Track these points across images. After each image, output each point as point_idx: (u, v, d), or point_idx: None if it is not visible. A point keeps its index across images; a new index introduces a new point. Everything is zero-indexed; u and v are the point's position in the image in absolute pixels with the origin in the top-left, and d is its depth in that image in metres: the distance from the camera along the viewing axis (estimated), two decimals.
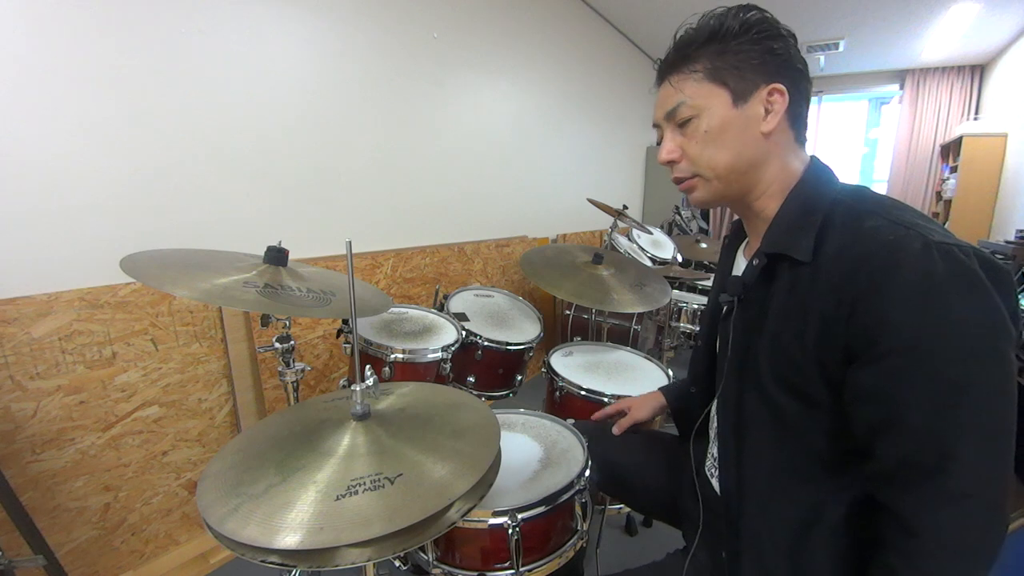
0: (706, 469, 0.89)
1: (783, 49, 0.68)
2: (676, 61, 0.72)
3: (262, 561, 0.58)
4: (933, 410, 0.54)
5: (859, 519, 0.66)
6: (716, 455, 0.82)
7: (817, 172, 0.71)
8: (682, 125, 0.71)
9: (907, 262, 0.55)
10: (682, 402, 1.09)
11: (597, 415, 1.20)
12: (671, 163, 0.74)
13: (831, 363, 0.61)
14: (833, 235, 0.63)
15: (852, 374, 0.59)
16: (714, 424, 0.85)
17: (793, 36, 0.70)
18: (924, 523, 0.55)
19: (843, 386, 0.61)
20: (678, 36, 0.73)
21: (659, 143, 0.77)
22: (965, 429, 0.53)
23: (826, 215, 0.65)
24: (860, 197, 0.66)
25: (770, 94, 0.67)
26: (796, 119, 0.71)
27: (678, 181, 0.75)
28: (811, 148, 0.76)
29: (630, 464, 1.10)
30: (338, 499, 0.62)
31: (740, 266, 0.82)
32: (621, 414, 1.16)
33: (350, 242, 0.79)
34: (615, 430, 1.11)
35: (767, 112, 0.68)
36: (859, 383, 0.59)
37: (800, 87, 0.69)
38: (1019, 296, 0.58)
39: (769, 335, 0.68)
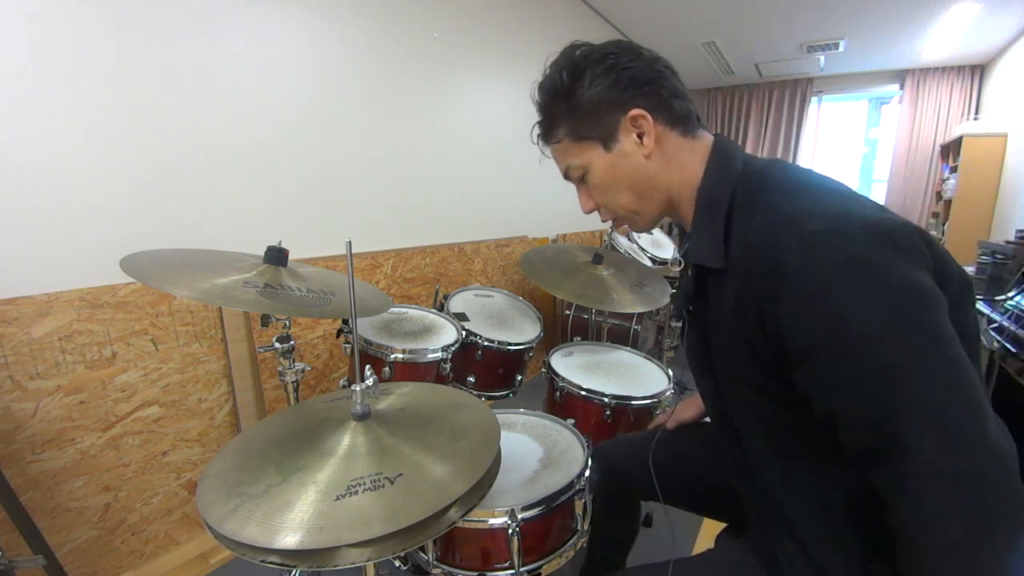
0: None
1: (622, 73, 0.67)
2: (543, 132, 0.75)
3: (262, 561, 0.58)
4: (866, 400, 0.52)
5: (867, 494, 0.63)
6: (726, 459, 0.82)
7: (714, 164, 0.69)
8: (580, 181, 0.75)
9: (787, 264, 0.54)
10: None
11: (651, 426, 1.20)
12: (592, 211, 0.77)
13: (768, 363, 0.60)
14: (733, 238, 0.63)
15: (793, 374, 0.58)
16: None
17: (628, 47, 0.69)
18: (899, 502, 0.53)
19: (790, 380, 0.60)
20: (533, 97, 0.75)
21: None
22: (906, 411, 0.50)
23: (727, 215, 0.64)
24: (757, 184, 0.64)
25: (633, 121, 0.68)
26: (673, 120, 0.70)
27: (612, 222, 0.78)
28: (808, 148, 0.75)
29: (668, 464, 1.07)
30: (338, 499, 0.62)
31: None
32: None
33: (350, 242, 0.79)
34: (668, 425, 1.10)
35: (640, 136, 0.69)
36: (800, 383, 0.58)
37: (656, 90, 0.68)
38: (937, 249, 0.56)
39: (718, 346, 0.69)
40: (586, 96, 0.68)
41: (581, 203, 0.78)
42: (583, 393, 1.38)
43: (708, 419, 1.05)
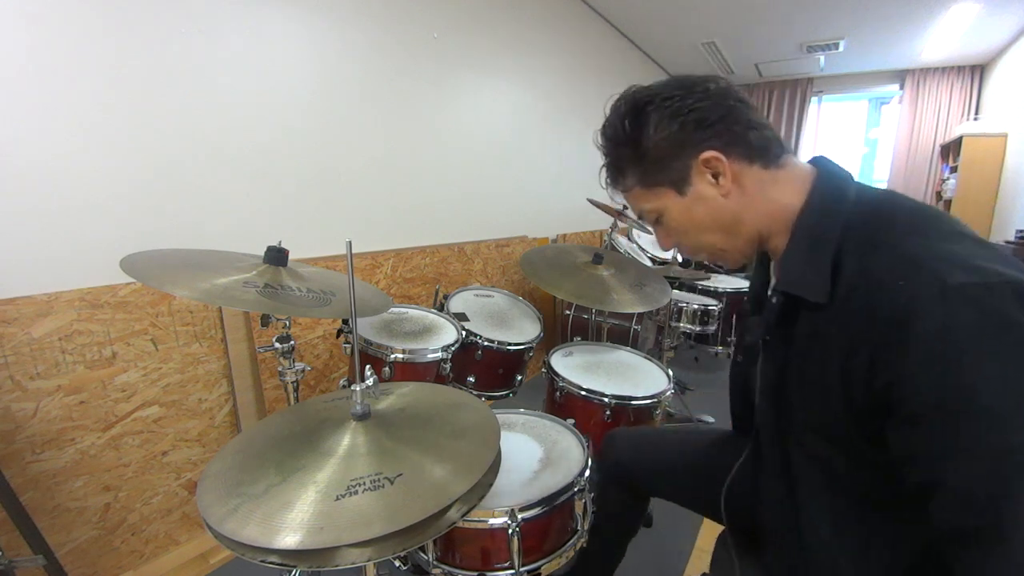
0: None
1: (689, 116, 0.63)
2: (610, 180, 0.73)
3: (262, 561, 0.58)
4: (979, 476, 0.47)
5: (928, 563, 0.60)
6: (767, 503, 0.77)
7: (821, 192, 0.63)
8: (656, 223, 0.73)
9: (921, 315, 0.48)
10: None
11: None
12: (673, 248, 0.75)
13: (863, 416, 0.55)
14: (846, 272, 0.56)
15: (890, 432, 0.53)
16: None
17: (690, 84, 0.65)
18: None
19: (882, 438, 0.54)
20: (597, 143, 0.73)
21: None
22: (1020, 494, 0.46)
23: (837, 248, 0.58)
24: (876, 218, 0.58)
25: (705, 163, 0.64)
26: (752, 154, 0.65)
27: (694, 258, 0.77)
28: (808, 148, 0.74)
29: (659, 461, 1.07)
30: (338, 499, 0.62)
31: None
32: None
33: (350, 242, 0.79)
34: None
35: (716, 177, 0.65)
36: (896, 443, 0.52)
37: (730, 128, 0.64)
38: None
39: (798, 385, 0.63)
40: (652, 143, 0.65)
41: (659, 241, 0.76)
42: (583, 393, 1.38)
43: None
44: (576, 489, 0.97)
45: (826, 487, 0.64)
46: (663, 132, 0.64)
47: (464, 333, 1.55)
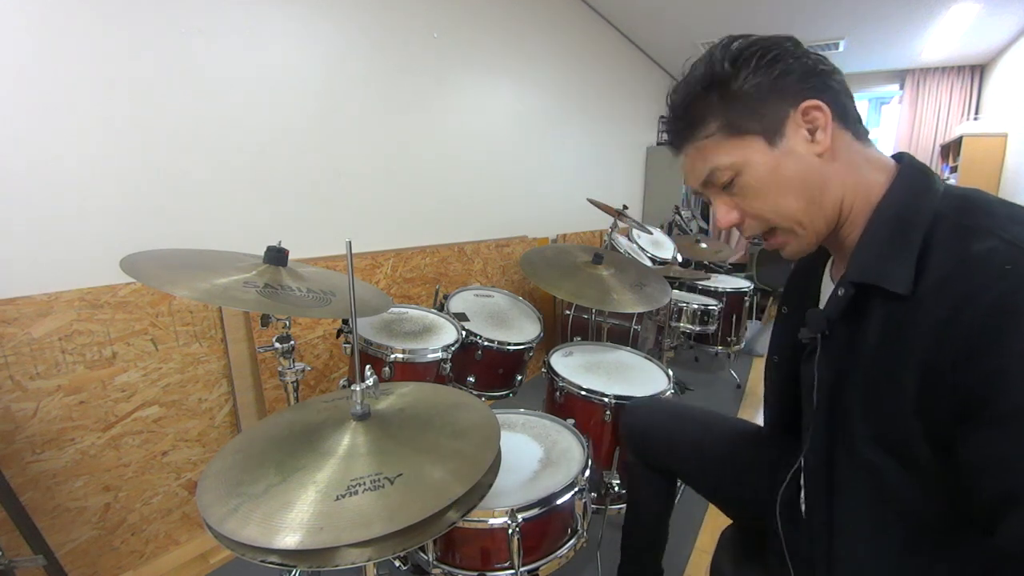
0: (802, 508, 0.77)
1: (792, 63, 0.58)
2: (683, 129, 0.64)
3: (262, 561, 0.58)
4: None
5: None
6: (804, 513, 0.72)
7: (909, 179, 0.59)
8: (726, 187, 0.63)
9: None
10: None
11: None
12: (735, 225, 0.65)
13: (935, 419, 0.50)
14: (935, 261, 0.52)
15: (966, 435, 0.48)
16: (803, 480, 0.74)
17: (791, 40, 0.60)
18: None
19: (952, 447, 0.50)
20: (670, 99, 0.65)
21: (710, 202, 0.68)
22: None
23: (926, 235, 0.53)
24: (968, 208, 0.54)
25: (805, 114, 0.58)
26: (848, 119, 0.60)
27: (757, 240, 0.66)
28: None
29: (691, 440, 1.03)
30: (338, 499, 0.62)
31: (827, 290, 0.71)
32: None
33: (350, 242, 0.79)
34: None
35: (812, 132, 0.59)
36: (974, 448, 0.48)
37: (831, 87, 0.59)
38: None
39: (862, 384, 0.58)
40: (748, 85, 0.58)
41: (719, 216, 0.65)
42: (583, 393, 1.38)
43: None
44: (576, 489, 0.97)
45: (871, 502, 0.60)
46: (762, 76, 0.58)
47: (464, 333, 1.55)
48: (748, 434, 1.02)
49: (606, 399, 1.35)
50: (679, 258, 3.16)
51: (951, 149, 4.85)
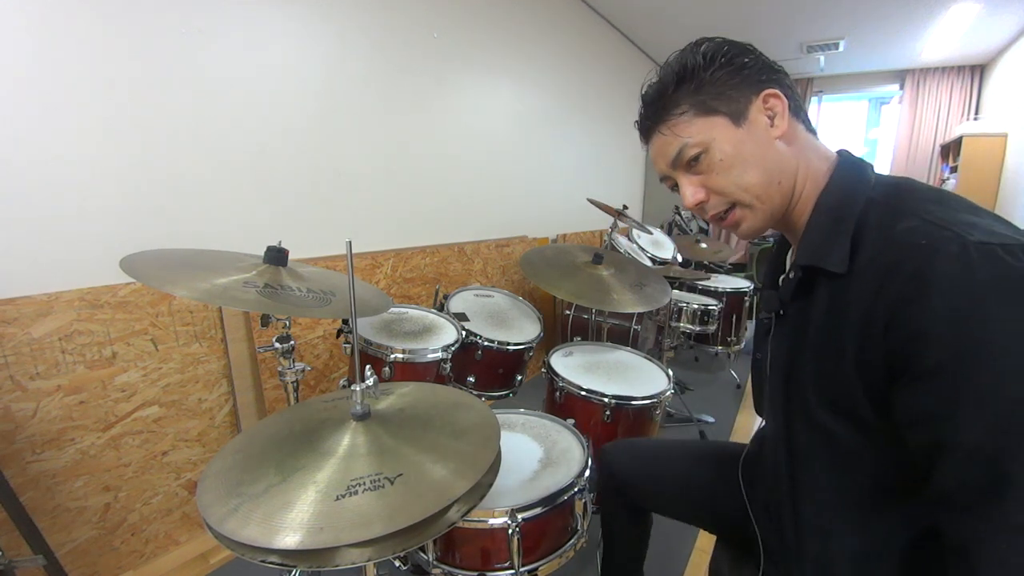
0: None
1: (753, 61, 0.66)
2: (657, 112, 0.70)
3: (262, 561, 0.58)
4: (987, 430, 0.48)
5: (929, 551, 0.61)
6: (770, 480, 0.78)
7: (847, 170, 0.66)
8: (693, 165, 0.69)
9: (942, 268, 0.50)
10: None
11: None
12: (700, 204, 0.71)
13: (874, 381, 0.57)
14: (867, 241, 0.59)
15: (897, 393, 0.54)
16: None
17: (753, 47, 0.68)
18: (981, 552, 0.49)
19: (891, 406, 0.56)
20: (645, 92, 0.71)
21: (673, 189, 0.74)
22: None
23: (860, 219, 0.60)
24: (897, 194, 0.61)
25: (765, 100, 0.66)
26: (798, 113, 0.69)
27: (718, 219, 0.72)
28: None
29: (657, 476, 1.05)
30: (338, 499, 0.62)
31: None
32: None
33: (350, 242, 0.79)
34: None
35: (771, 118, 0.66)
36: (905, 403, 0.54)
37: (785, 83, 0.68)
38: None
39: (811, 355, 0.64)
40: (717, 75, 0.65)
41: (687, 195, 0.70)
42: (583, 393, 1.38)
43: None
44: (576, 489, 0.97)
45: (830, 466, 0.65)
46: (729, 67, 0.66)
47: (464, 333, 1.55)
48: (725, 453, 1.02)
49: (606, 399, 1.35)
50: (679, 258, 3.16)
51: (951, 149, 4.85)
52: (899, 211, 0.58)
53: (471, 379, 1.62)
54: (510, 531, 0.88)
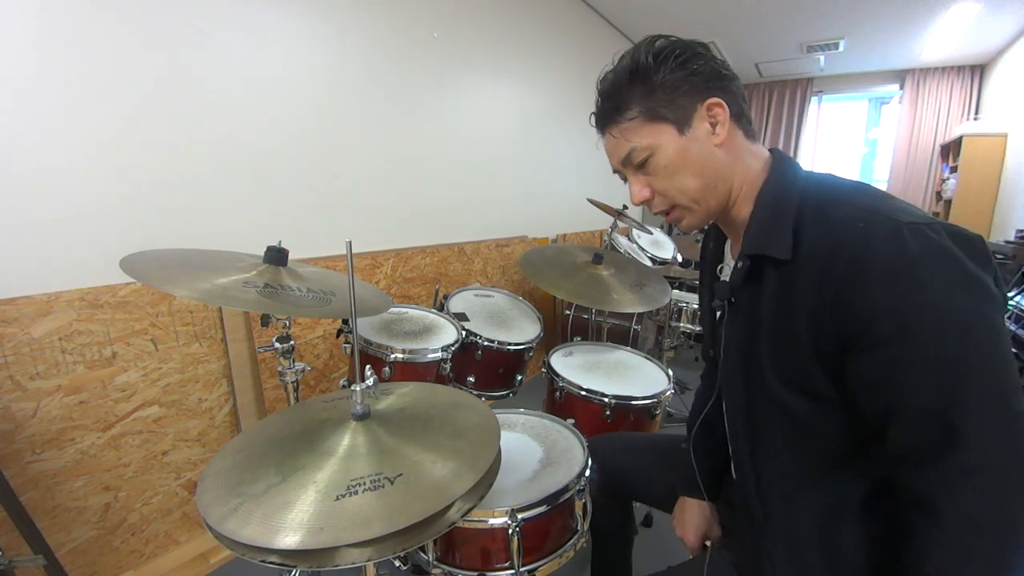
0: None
1: (703, 65, 0.69)
2: (609, 111, 0.74)
3: (262, 561, 0.58)
4: (934, 390, 0.54)
5: (885, 499, 0.65)
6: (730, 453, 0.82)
7: (780, 169, 0.72)
8: (641, 166, 0.73)
9: (879, 247, 0.56)
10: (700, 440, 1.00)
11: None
12: (646, 201, 0.76)
13: (828, 356, 0.61)
14: (807, 230, 0.64)
15: (850, 364, 0.60)
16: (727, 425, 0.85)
17: (705, 46, 0.71)
18: (943, 500, 0.54)
19: (845, 378, 0.61)
20: (599, 85, 0.75)
21: (625, 181, 0.79)
22: (970, 402, 0.52)
23: (798, 210, 0.66)
24: (825, 188, 0.67)
25: (709, 109, 0.69)
26: (740, 119, 0.72)
27: (663, 214, 0.77)
28: (808, 148, 0.76)
29: (639, 467, 1.10)
30: (338, 499, 0.62)
31: (729, 267, 0.83)
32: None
33: (350, 242, 0.79)
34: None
35: (713, 126, 0.70)
36: (858, 373, 0.59)
37: (731, 90, 0.71)
38: (993, 262, 0.59)
39: (766, 337, 0.69)
40: (668, 78, 0.68)
41: (634, 192, 0.76)
42: (583, 393, 1.38)
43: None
44: (576, 489, 0.97)
45: (789, 437, 0.70)
46: (678, 72, 0.68)
47: (464, 333, 1.55)
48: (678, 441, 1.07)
49: (606, 399, 1.35)
50: (679, 258, 3.16)
51: (951, 149, 4.85)
52: (831, 201, 0.64)
53: (471, 379, 1.62)
54: (510, 531, 0.88)
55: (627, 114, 0.71)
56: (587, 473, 1.01)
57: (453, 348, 1.46)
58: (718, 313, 0.79)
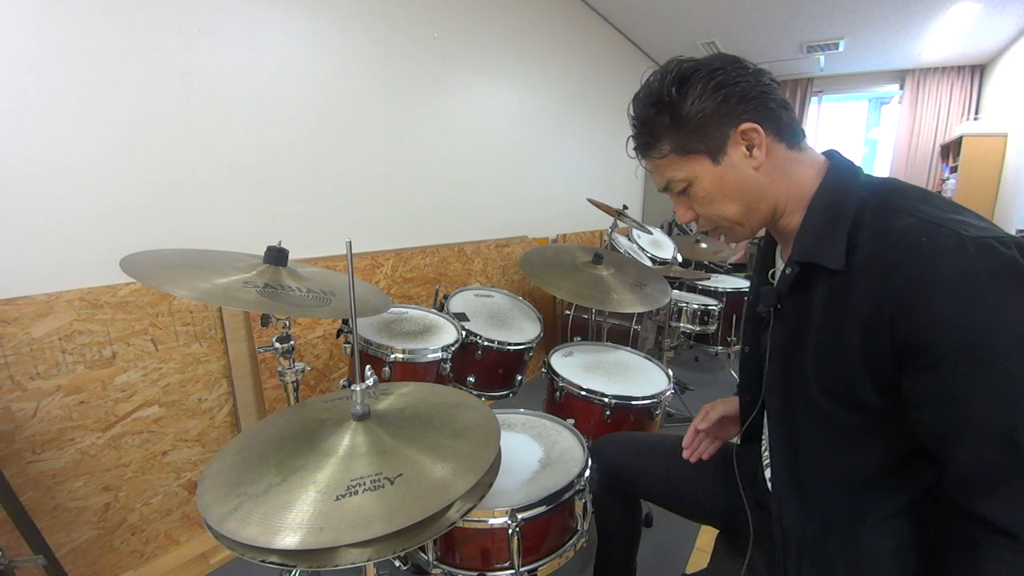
0: (764, 474, 0.86)
1: (732, 89, 0.66)
2: (642, 146, 0.74)
3: (262, 561, 0.58)
4: (1004, 408, 0.52)
5: (918, 512, 0.65)
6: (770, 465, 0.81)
7: (837, 174, 0.69)
8: (682, 192, 0.74)
9: (944, 263, 0.54)
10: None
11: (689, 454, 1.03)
12: (691, 221, 0.78)
13: (881, 369, 0.60)
14: (864, 239, 0.61)
15: (908, 380, 0.58)
16: (766, 433, 0.84)
17: (733, 62, 0.68)
18: (1017, 525, 0.52)
19: (897, 391, 0.59)
20: (630, 110, 0.75)
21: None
22: None
23: (854, 218, 0.63)
24: (887, 194, 0.64)
25: (743, 135, 0.67)
26: (782, 133, 0.69)
27: (708, 232, 0.78)
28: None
29: (644, 465, 1.09)
30: (338, 499, 0.62)
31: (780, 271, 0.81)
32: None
33: (350, 242, 0.79)
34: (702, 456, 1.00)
35: (749, 149, 0.68)
36: (918, 389, 0.57)
37: (767, 105, 0.68)
38: None
39: (812, 346, 0.67)
40: (695, 110, 0.67)
41: (679, 214, 0.77)
42: (583, 393, 1.38)
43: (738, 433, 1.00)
44: (576, 489, 0.97)
45: (828, 446, 0.69)
46: (706, 101, 0.67)
47: (464, 333, 1.55)
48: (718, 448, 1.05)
49: (606, 399, 1.35)
50: (679, 258, 3.16)
51: (951, 149, 4.85)
52: (892, 210, 0.61)
53: (471, 379, 1.62)
54: (510, 531, 0.88)
55: (660, 149, 0.71)
56: (587, 473, 1.01)
57: (453, 348, 1.46)
58: (763, 319, 0.77)
